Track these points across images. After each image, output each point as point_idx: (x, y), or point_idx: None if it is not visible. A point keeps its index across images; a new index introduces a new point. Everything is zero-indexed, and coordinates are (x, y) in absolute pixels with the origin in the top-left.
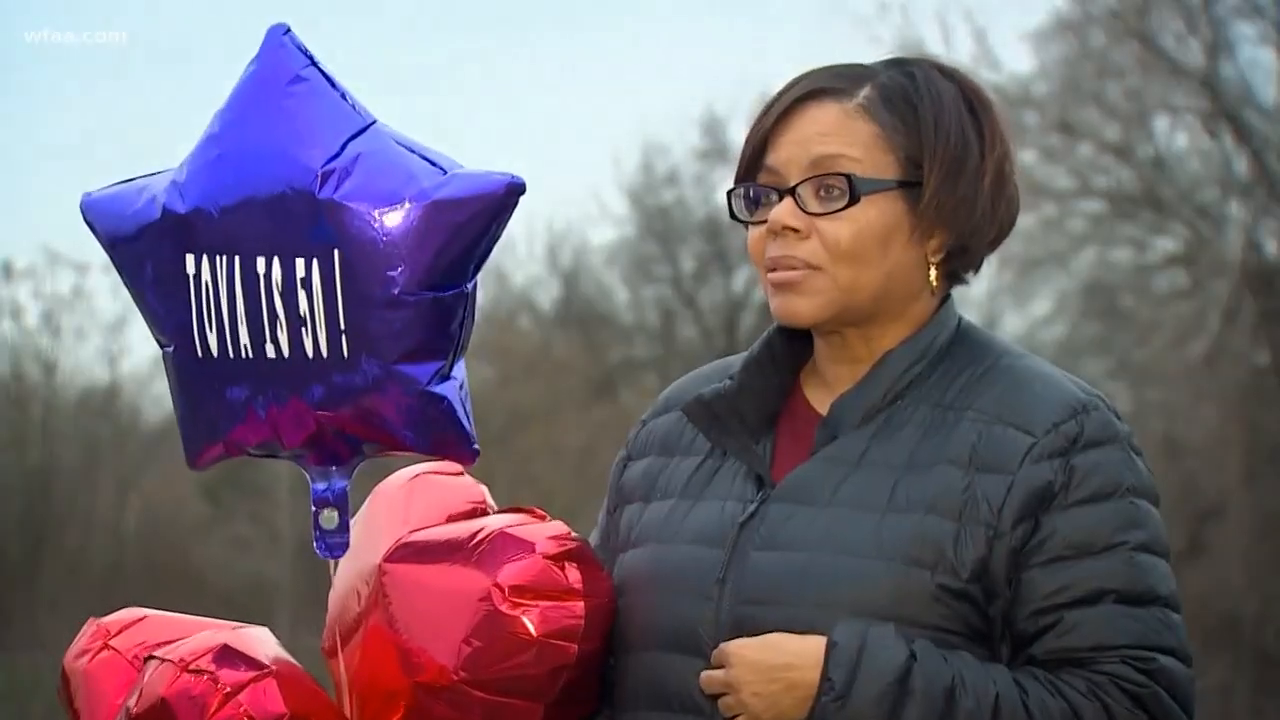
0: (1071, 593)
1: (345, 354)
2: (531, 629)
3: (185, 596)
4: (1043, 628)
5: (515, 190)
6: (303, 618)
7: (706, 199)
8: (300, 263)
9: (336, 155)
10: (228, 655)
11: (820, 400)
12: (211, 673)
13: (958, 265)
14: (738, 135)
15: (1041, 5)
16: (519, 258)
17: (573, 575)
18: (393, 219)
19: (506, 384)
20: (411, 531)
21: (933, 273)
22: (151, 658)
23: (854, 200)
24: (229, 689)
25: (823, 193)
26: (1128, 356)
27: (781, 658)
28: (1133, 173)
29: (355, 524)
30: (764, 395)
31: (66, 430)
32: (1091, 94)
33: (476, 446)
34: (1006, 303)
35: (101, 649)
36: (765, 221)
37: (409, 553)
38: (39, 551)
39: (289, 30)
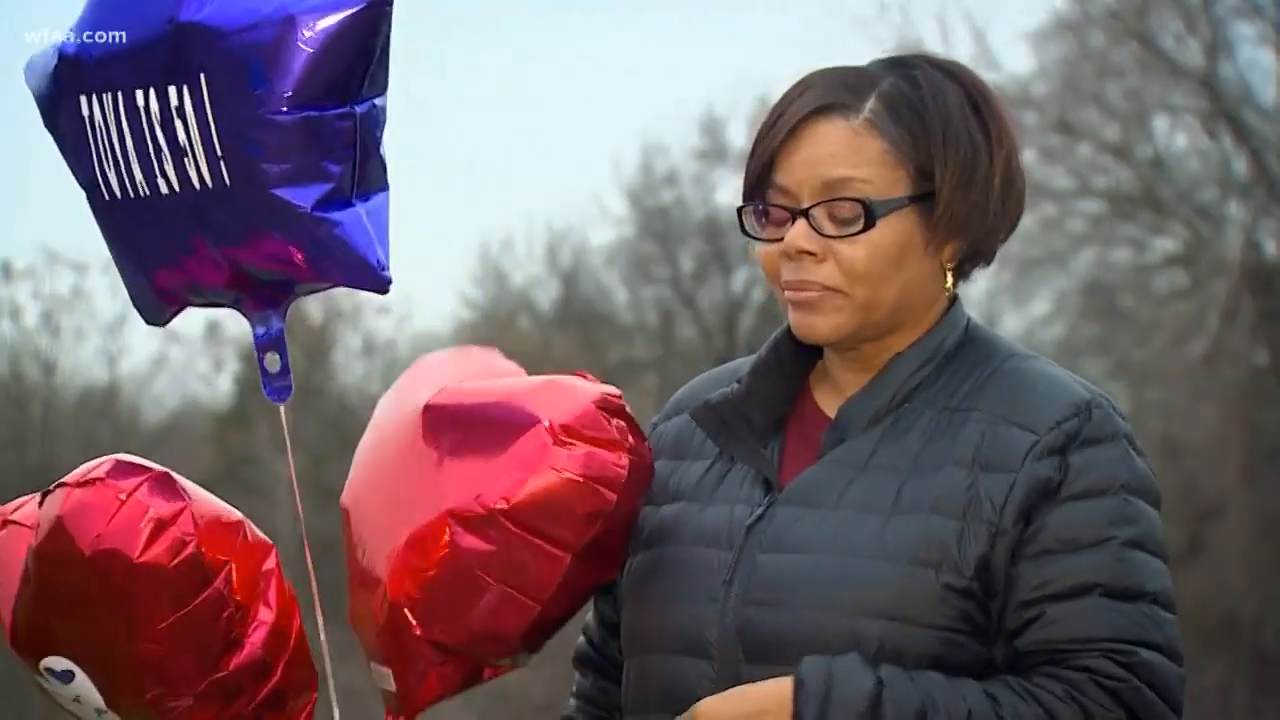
0: (1056, 586)
1: (227, 181)
2: (575, 468)
3: None
4: (1027, 620)
5: (377, 2)
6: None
7: (706, 199)
8: (172, 90)
9: None
10: (121, 466)
11: (829, 403)
12: (104, 479)
13: (971, 266)
14: (737, 135)
15: (1041, 5)
16: (518, 258)
17: (620, 430)
18: (254, 36)
19: None
20: (460, 381)
21: (948, 279)
22: (45, 494)
23: (870, 224)
24: (125, 491)
25: (836, 216)
26: (1127, 356)
27: (751, 706)
28: (1132, 173)
29: (388, 394)
30: (771, 399)
31: (66, 430)
32: (1091, 94)
33: (387, 274)
34: (1006, 303)
35: (2, 527)
36: (778, 240)
37: (456, 394)
38: None
39: None
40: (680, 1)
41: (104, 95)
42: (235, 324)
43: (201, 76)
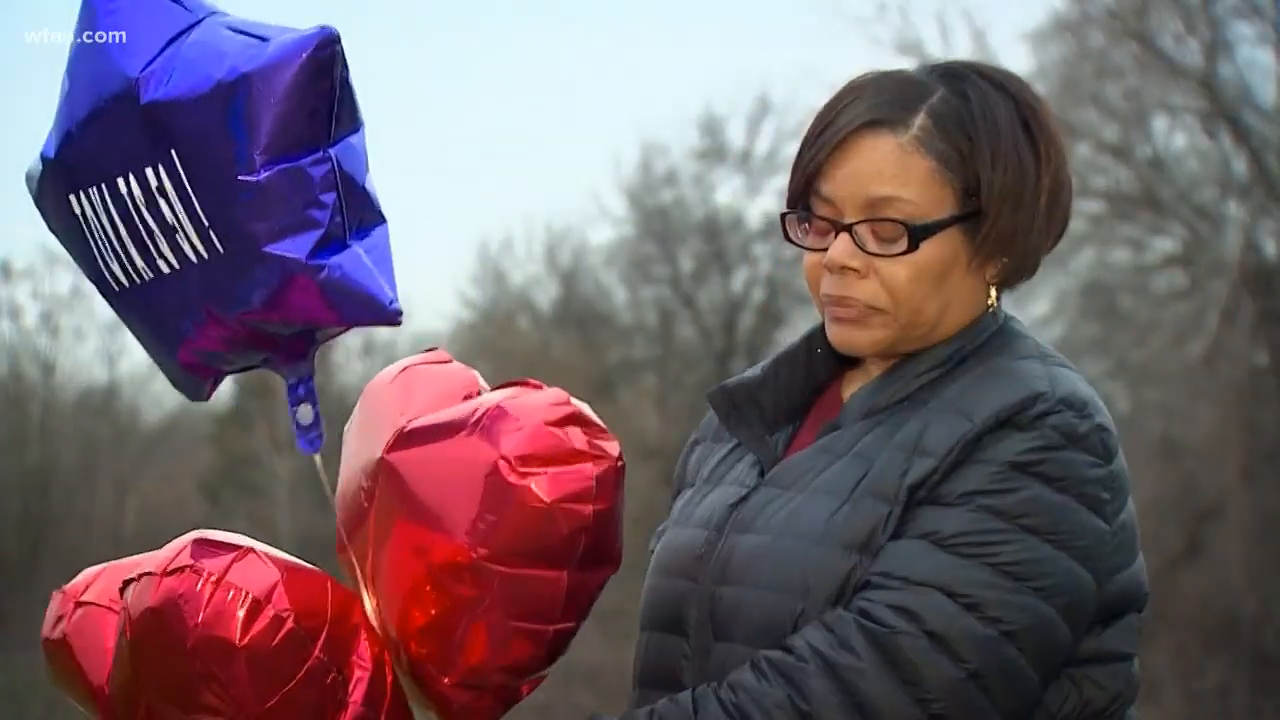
0: (902, 530)
1: (220, 249)
2: (542, 495)
3: None
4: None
5: (328, 41)
6: None
7: (705, 199)
8: (149, 172)
9: (155, 57)
10: (202, 547)
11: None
12: (192, 566)
13: (1016, 280)
14: (736, 135)
15: (1040, 6)
16: (517, 258)
17: (577, 438)
18: (214, 103)
19: None
20: (409, 420)
21: (992, 293)
22: (128, 582)
23: (914, 246)
24: (214, 574)
25: (881, 234)
26: (1126, 357)
27: None
28: (1131, 173)
29: (350, 425)
30: (788, 388)
31: (65, 430)
32: (1090, 94)
33: (396, 306)
34: (1005, 303)
35: (75, 609)
36: (821, 249)
37: (409, 440)
38: (37, 551)
39: None
40: (679, 1)
41: (89, 190)
42: None
43: (172, 153)
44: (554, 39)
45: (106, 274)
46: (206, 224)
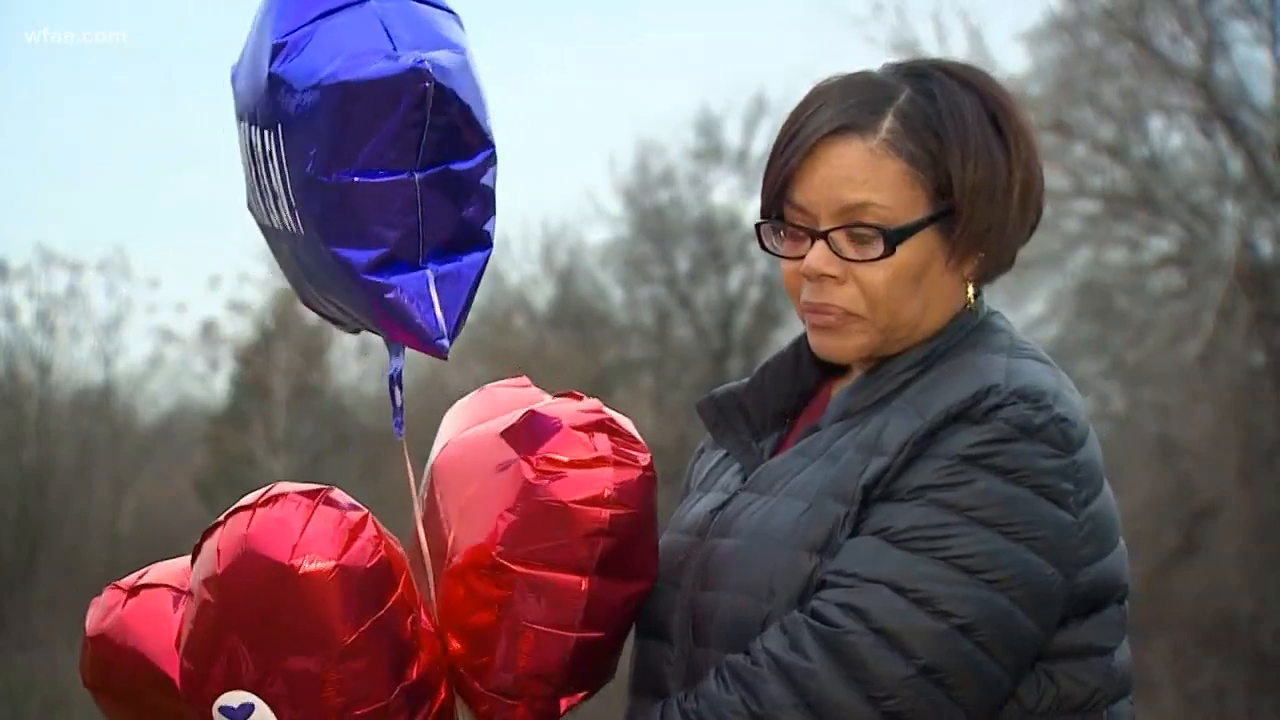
0: (859, 528)
1: (302, 230)
2: (559, 495)
3: None
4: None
5: (417, 76)
6: None
7: (701, 199)
8: (267, 134)
9: (298, 28)
10: (286, 489)
11: None
12: (287, 494)
13: (994, 275)
14: (733, 135)
15: (1036, 5)
16: (514, 258)
17: (602, 444)
18: (309, 97)
19: None
20: (461, 431)
21: (970, 290)
22: (212, 528)
23: (890, 251)
24: (311, 503)
25: (856, 239)
26: (1122, 357)
27: None
28: (1127, 173)
29: (438, 440)
30: (776, 394)
31: (61, 430)
32: (1086, 94)
33: (444, 342)
34: (1001, 303)
35: (129, 595)
36: (798, 257)
37: (453, 448)
38: (34, 552)
39: None
40: (676, 2)
41: (242, 123)
42: (230, 324)
43: (279, 126)
44: (551, 39)
45: (250, 199)
46: (294, 203)
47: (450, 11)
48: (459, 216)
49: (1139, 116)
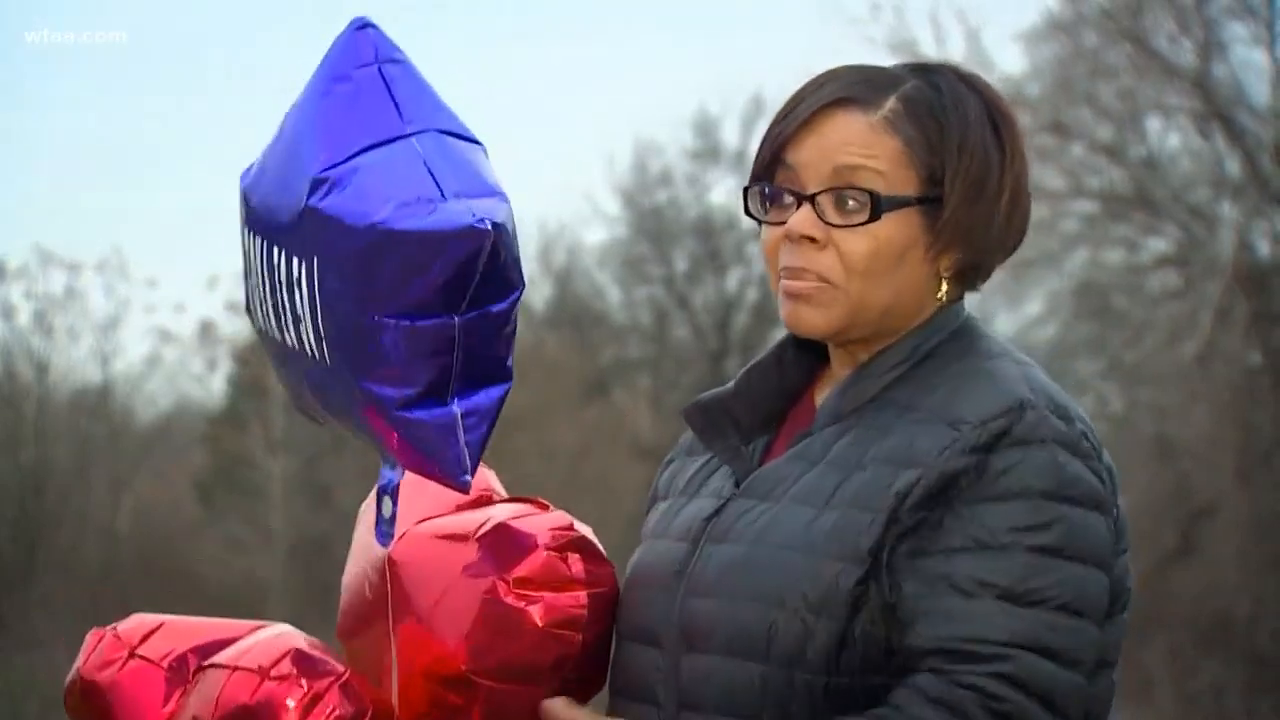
0: (954, 581)
1: (327, 360)
2: (537, 620)
3: (178, 596)
4: (923, 611)
5: (472, 233)
6: (295, 617)
7: (699, 199)
8: (297, 261)
9: (339, 164)
10: (304, 660)
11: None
12: (294, 676)
13: (970, 278)
14: (730, 135)
15: (1034, 6)
16: None
17: (575, 566)
18: (357, 239)
19: None
20: (418, 522)
21: (944, 287)
22: (211, 665)
23: (875, 216)
24: (316, 692)
25: (843, 205)
26: (1120, 357)
27: None
28: (1125, 173)
29: (362, 513)
30: (762, 398)
31: (59, 430)
32: (1084, 94)
33: (467, 478)
34: (999, 303)
35: (128, 658)
36: (780, 222)
37: (416, 545)
38: (32, 551)
39: (366, 25)
40: (674, 2)
41: (258, 238)
42: (229, 325)
43: (315, 259)
44: (548, 38)
45: (251, 306)
46: (321, 333)
47: (478, 143)
48: (489, 355)
49: (1137, 117)
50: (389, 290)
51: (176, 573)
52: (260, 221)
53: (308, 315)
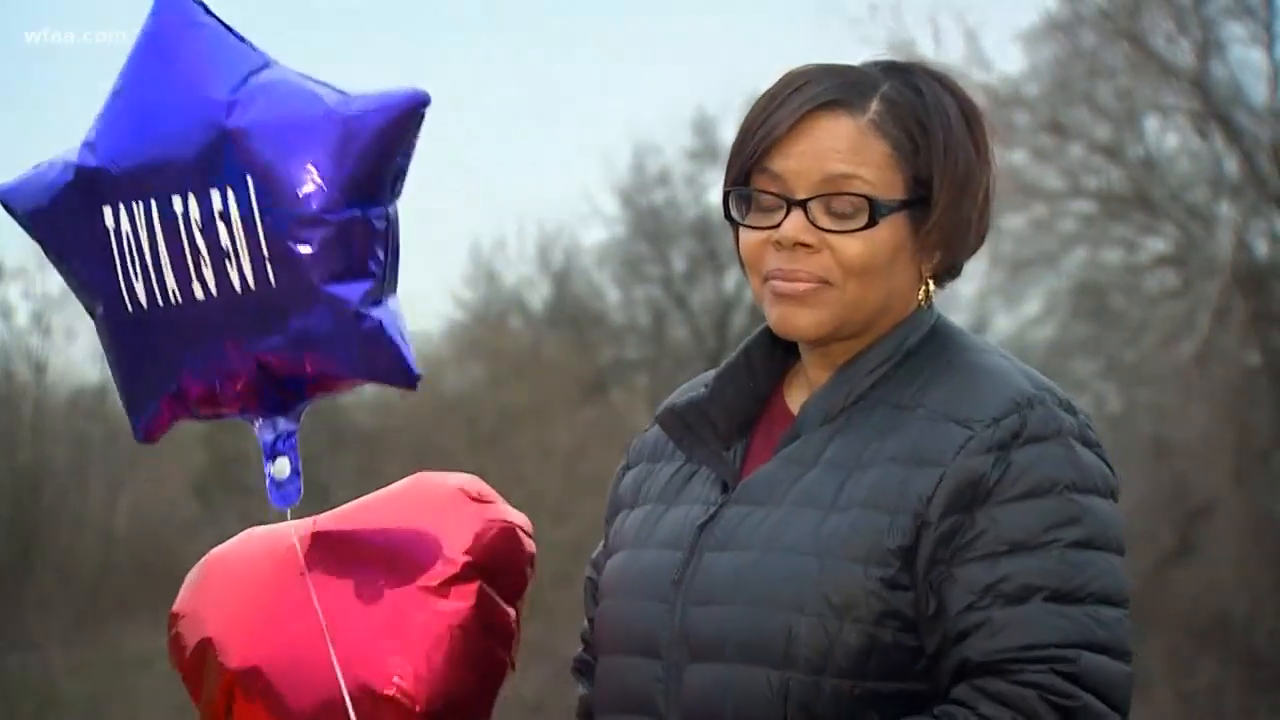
0: (999, 589)
1: (273, 282)
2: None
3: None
4: (972, 625)
5: (420, 102)
6: None
7: (698, 199)
8: (215, 195)
9: (240, 85)
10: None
11: (798, 403)
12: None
13: (944, 278)
14: (729, 135)
15: (1032, 6)
16: (509, 258)
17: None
18: (304, 138)
19: (497, 384)
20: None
21: (929, 287)
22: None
23: (873, 222)
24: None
25: (835, 210)
26: (1118, 357)
27: None
28: (1123, 173)
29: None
30: (737, 402)
31: (57, 430)
32: (1082, 94)
33: (418, 372)
34: (997, 303)
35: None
36: (764, 228)
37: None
38: (29, 551)
39: None
40: (672, 1)
41: (134, 204)
42: None
43: (248, 178)
44: (547, 38)
45: (124, 293)
46: (266, 254)
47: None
48: (395, 256)
49: (1135, 117)
50: (346, 179)
51: (173, 573)
52: (138, 186)
53: (240, 242)
